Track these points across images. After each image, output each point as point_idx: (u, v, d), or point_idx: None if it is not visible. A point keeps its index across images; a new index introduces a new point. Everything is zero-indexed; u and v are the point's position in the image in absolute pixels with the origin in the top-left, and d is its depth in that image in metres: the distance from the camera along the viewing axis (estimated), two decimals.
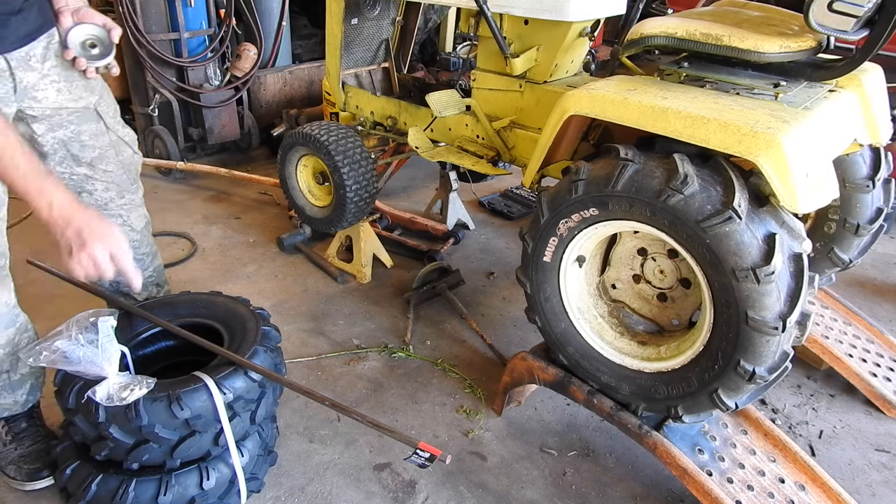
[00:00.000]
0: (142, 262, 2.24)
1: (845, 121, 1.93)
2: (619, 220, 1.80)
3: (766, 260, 1.55)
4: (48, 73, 1.80)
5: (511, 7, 2.28)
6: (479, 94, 2.59)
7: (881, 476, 2.17)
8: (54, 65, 1.81)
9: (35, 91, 1.79)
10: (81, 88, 1.89)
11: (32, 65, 1.75)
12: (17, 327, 1.89)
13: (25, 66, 1.74)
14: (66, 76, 1.85)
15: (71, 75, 1.86)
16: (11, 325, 1.87)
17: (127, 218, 2.13)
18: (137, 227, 2.18)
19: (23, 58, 1.72)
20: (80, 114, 1.90)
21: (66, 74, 1.85)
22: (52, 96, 1.82)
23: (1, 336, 1.84)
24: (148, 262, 2.26)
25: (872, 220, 2.36)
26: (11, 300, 1.87)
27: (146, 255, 2.25)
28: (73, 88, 1.87)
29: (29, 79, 1.76)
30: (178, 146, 4.18)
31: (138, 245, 2.20)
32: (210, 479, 1.77)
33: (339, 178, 2.73)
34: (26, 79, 1.75)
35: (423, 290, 2.96)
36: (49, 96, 1.82)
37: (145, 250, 2.25)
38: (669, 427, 1.93)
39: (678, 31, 1.90)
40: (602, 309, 2.11)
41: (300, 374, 2.50)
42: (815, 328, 2.51)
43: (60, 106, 1.85)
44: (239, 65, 4.27)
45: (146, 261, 2.26)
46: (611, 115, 1.80)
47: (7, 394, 1.92)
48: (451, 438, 2.24)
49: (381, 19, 3.12)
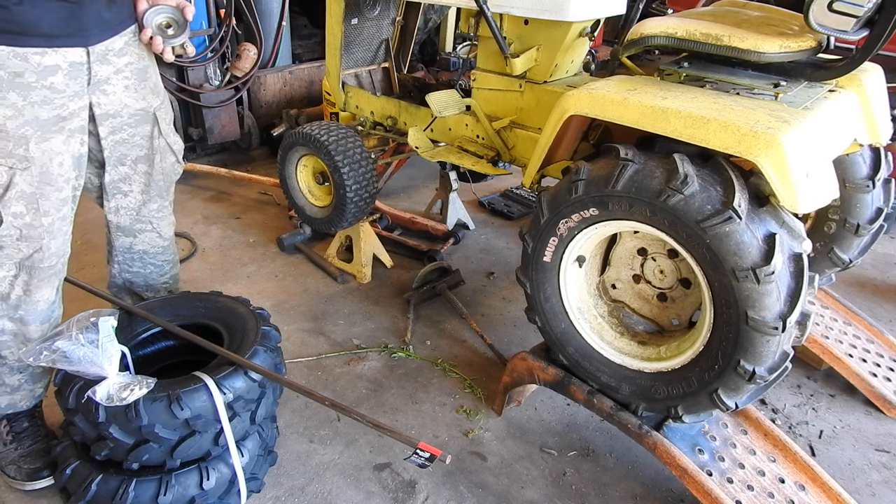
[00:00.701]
0: (161, 268, 2.25)
1: (845, 121, 1.93)
2: (619, 220, 1.80)
3: (766, 260, 1.55)
4: (122, 70, 1.81)
5: (511, 7, 2.28)
6: (479, 94, 2.59)
7: (881, 476, 2.17)
8: (130, 62, 1.83)
9: (106, 84, 1.79)
10: (149, 90, 1.91)
11: (110, 59, 1.77)
12: (50, 322, 1.91)
13: (103, 60, 1.75)
14: (139, 74, 1.86)
15: (144, 74, 1.88)
16: (47, 320, 1.90)
17: (157, 225, 2.13)
18: (166, 235, 2.19)
19: (102, 52, 1.74)
20: (139, 116, 1.91)
21: (140, 73, 1.87)
22: (120, 93, 1.83)
23: (36, 330, 1.86)
24: (167, 268, 2.27)
25: (872, 220, 2.36)
26: (52, 296, 1.88)
27: (166, 262, 2.26)
28: (140, 88, 1.88)
29: (103, 72, 1.76)
30: None
31: (163, 251, 2.21)
32: (210, 479, 1.77)
33: (339, 178, 2.73)
34: (101, 72, 1.76)
35: (423, 290, 2.96)
36: (117, 92, 1.82)
37: (168, 258, 2.26)
38: (669, 427, 1.93)
39: (678, 31, 1.90)
40: (602, 309, 2.11)
41: (300, 374, 2.50)
42: (815, 328, 2.51)
43: (124, 105, 1.86)
44: (239, 65, 4.27)
45: (165, 267, 2.26)
46: (611, 115, 1.80)
47: (28, 385, 1.95)
48: (451, 438, 2.24)
49: (381, 19, 3.12)
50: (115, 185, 1.98)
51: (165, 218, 2.14)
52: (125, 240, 2.13)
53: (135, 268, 2.20)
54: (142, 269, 2.20)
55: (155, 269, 2.23)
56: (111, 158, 1.92)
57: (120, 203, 2.03)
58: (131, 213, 2.07)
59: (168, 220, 2.17)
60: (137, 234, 2.12)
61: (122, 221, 2.07)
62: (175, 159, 2.09)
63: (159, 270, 2.24)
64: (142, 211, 2.07)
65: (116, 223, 2.07)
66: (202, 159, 4.45)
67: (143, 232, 2.12)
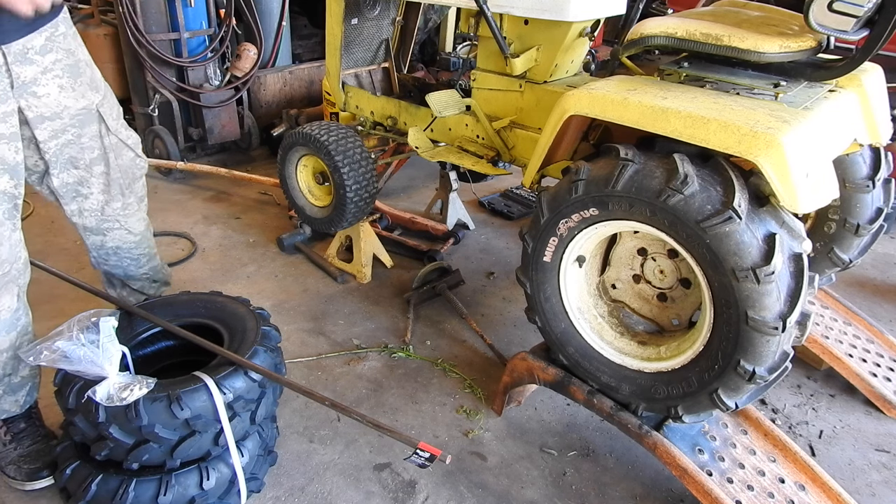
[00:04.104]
0: (137, 261, 2.28)
1: (845, 121, 1.93)
2: (619, 220, 1.80)
3: (766, 260, 1.55)
4: (51, 68, 1.73)
5: (511, 7, 2.28)
6: (479, 94, 2.59)
7: (881, 476, 2.17)
8: (58, 58, 1.75)
9: (35, 86, 1.71)
10: (86, 86, 1.85)
11: (31, 57, 1.68)
12: (18, 331, 1.87)
13: (23, 60, 1.66)
14: (71, 71, 1.79)
15: (77, 70, 1.81)
16: (13, 328, 1.85)
17: (125, 223, 2.11)
18: (136, 230, 2.17)
19: (20, 51, 1.65)
20: (81, 116, 1.85)
21: (72, 69, 1.80)
22: (55, 93, 1.76)
23: (3, 341, 1.83)
24: (144, 261, 2.30)
25: (872, 220, 2.36)
26: (13, 304, 1.82)
27: (142, 256, 2.29)
28: (77, 86, 1.82)
29: (27, 73, 1.68)
30: (178, 146, 4.18)
31: (136, 246, 2.22)
32: (210, 479, 1.77)
33: (339, 178, 2.73)
34: (24, 73, 1.68)
35: (423, 290, 2.96)
36: (51, 93, 1.75)
37: (143, 251, 2.28)
38: (669, 427, 1.93)
39: (678, 31, 1.90)
40: (602, 309, 2.11)
41: (300, 374, 2.50)
42: (815, 328, 2.51)
43: (63, 106, 1.79)
44: (239, 65, 4.27)
45: (142, 260, 2.29)
46: (611, 115, 1.80)
47: (8, 396, 1.92)
48: (451, 438, 2.24)
49: (381, 19, 3.12)
50: (70, 188, 1.94)
51: (133, 215, 2.12)
52: (95, 238, 2.12)
53: (111, 262, 2.21)
54: (119, 263, 2.22)
55: (132, 263, 2.24)
56: (57, 162, 1.86)
57: (82, 205, 1.99)
58: (96, 214, 2.04)
59: (137, 216, 2.14)
60: (106, 233, 2.11)
61: (88, 223, 2.05)
62: (133, 154, 2.04)
63: (136, 263, 2.25)
64: (106, 210, 2.04)
65: (82, 224, 2.05)
66: (202, 159, 4.45)
67: (112, 230, 2.10)
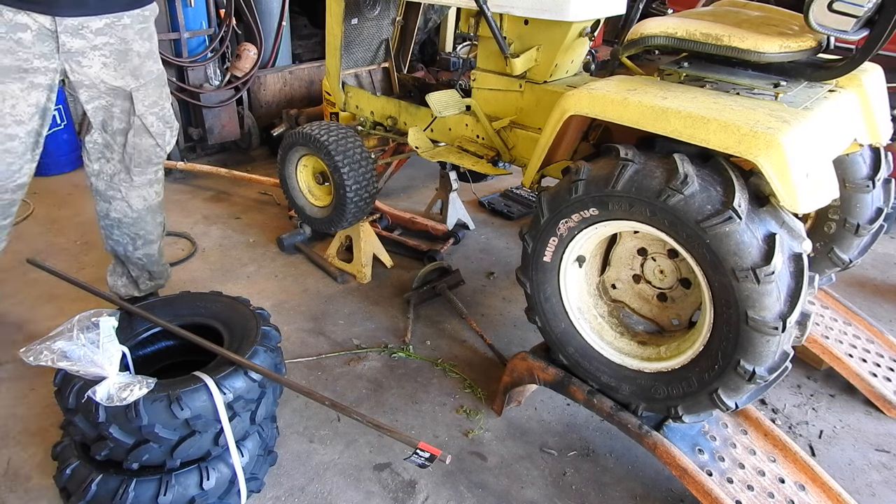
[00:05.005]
0: (134, 241, 2.47)
1: (845, 121, 1.93)
2: (619, 220, 1.80)
3: (766, 260, 1.55)
4: (100, 47, 2.05)
5: (511, 7, 2.28)
6: (479, 94, 2.59)
7: (881, 476, 2.17)
8: (109, 42, 2.06)
9: (81, 57, 2.04)
10: (128, 72, 2.14)
11: (84, 34, 2.01)
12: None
13: (75, 34, 2.00)
14: (118, 56, 2.10)
15: (125, 57, 2.11)
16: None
17: (126, 195, 2.37)
18: (135, 207, 2.40)
19: (75, 26, 1.99)
20: (116, 92, 2.15)
21: (120, 55, 2.10)
22: (97, 68, 2.08)
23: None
24: (140, 244, 2.48)
25: (872, 220, 2.36)
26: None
27: (138, 237, 2.47)
28: (119, 68, 2.11)
29: (76, 44, 2.02)
30: (178, 146, 4.19)
31: (133, 224, 2.43)
32: (210, 479, 1.77)
33: (339, 178, 2.73)
34: (73, 44, 2.01)
35: (423, 290, 2.96)
36: (94, 66, 2.07)
37: (139, 232, 2.46)
38: (669, 427, 1.93)
39: (678, 31, 1.90)
40: (602, 309, 2.11)
41: (300, 374, 2.50)
42: (815, 328, 2.52)
43: (100, 80, 2.11)
44: (239, 65, 4.27)
45: (138, 242, 2.47)
46: (611, 115, 1.80)
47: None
48: (451, 438, 2.24)
49: (381, 19, 3.12)
50: (98, 148, 2.28)
51: (134, 189, 2.36)
52: (103, 205, 2.42)
53: (115, 236, 2.48)
54: (120, 239, 2.48)
55: (129, 242, 2.48)
56: (94, 122, 2.22)
57: (103, 167, 2.32)
58: (106, 179, 2.35)
59: (137, 193, 2.38)
60: (111, 202, 2.39)
61: (100, 186, 2.37)
62: (154, 142, 2.29)
63: (133, 244, 2.49)
64: (114, 179, 2.34)
65: (95, 186, 2.38)
66: (202, 159, 4.45)
67: (115, 200, 2.38)
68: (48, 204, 3.72)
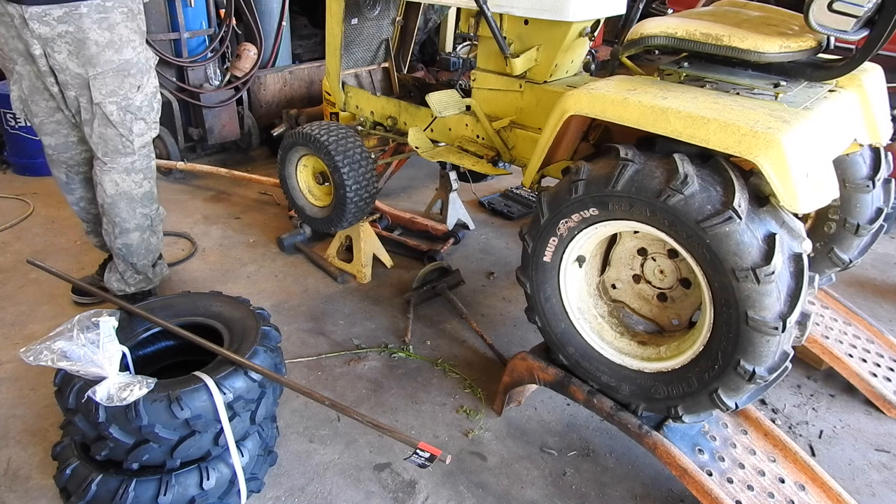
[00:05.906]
0: (113, 230, 2.55)
1: (845, 121, 1.93)
2: (619, 220, 1.80)
3: (766, 260, 1.55)
4: (63, 35, 2.17)
5: (511, 7, 2.28)
6: (479, 94, 2.59)
7: (881, 476, 2.17)
8: (68, 30, 2.17)
9: (52, 44, 2.18)
10: (86, 60, 2.23)
11: (48, 21, 2.14)
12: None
13: (41, 21, 2.13)
14: (77, 44, 2.20)
15: (82, 45, 2.21)
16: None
17: (100, 179, 2.46)
18: (108, 192, 2.48)
19: (39, 13, 2.12)
20: (79, 80, 2.26)
21: (78, 43, 2.20)
22: (64, 55, 2.21)
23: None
24: (117, 232, 2.54)
25: (872, 220, 2.36)
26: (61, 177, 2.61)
27: (113, 224, 2.53)
28: (79, 56, 2.22)
29: (44, 31, 2.15)
30: (178, 146, 4.18)
31: (109, 209, 2.52)
32: (210, 479, 1.77)
33: (339, 178, 2.73)
34: (42, 31, 2.15)
35: (423, 290, 2.96)
36: (62, 53, 2.20)
37: (114, 219, 2.52)
38: (669, 427, 1.93)
39: (678, 31, 1.90)
40: (602, 309, 2.11)
41: (300, 374, 2.50)
42: (815, 328, 2.52)
43: (67, 67, 2.24)
44: (239, 65, 4.27)
45: (116, 230, 2.54)
46: (611, 115, 1.80)
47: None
48: (451, 438, 2.24)
49: (381, 19, 3.12)
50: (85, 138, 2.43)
51: (106, 174, 2.44)
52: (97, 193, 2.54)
53: (104, 224, 2.58)
54: (106, 227, 2.57)
55: (108, 226, 2.57)
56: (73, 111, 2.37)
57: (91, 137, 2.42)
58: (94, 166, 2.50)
59: (109, 178, 2.45)
60: (96, 188, 2.50)
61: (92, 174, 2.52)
62: (117, 132, 2.36)
63: (113, 232, 2.57)
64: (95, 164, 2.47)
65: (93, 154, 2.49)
66: (202, 159, 4.44)
67: (97, 185, 2.50)
68: (48, 204, 3.72)
